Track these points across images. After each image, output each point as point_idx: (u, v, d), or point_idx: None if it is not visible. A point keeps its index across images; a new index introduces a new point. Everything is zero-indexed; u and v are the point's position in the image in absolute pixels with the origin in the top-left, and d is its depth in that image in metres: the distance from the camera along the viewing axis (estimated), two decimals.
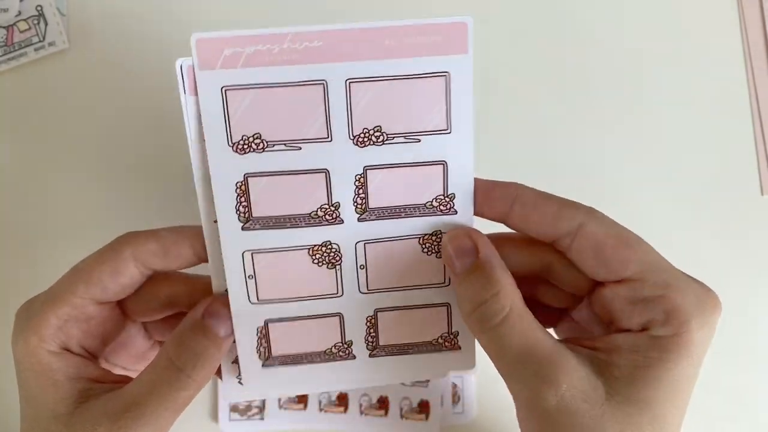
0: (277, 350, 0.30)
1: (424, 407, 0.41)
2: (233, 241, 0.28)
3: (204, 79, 0.26)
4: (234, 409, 0.40)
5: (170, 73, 0.38)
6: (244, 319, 0.29)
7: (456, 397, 0.41)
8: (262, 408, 0.40)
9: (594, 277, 0.27)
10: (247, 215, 0.28)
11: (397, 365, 0.30)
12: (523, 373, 0.25)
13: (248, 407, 0.40)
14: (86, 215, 0.38)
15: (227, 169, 0.27)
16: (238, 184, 0.27)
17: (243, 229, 0.28)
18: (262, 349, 0.30)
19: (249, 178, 0.27)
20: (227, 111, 0.26)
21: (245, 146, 0.27)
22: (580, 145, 0.42)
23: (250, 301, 0.29)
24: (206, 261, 0.28)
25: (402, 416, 0.40)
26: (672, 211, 0.41)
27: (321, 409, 0.40)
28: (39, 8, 0.37)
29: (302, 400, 0.40)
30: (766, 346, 0.41)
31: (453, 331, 0.30)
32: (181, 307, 0.28)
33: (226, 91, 0.26)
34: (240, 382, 0.30)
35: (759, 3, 0.41)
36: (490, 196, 0.28)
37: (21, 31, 0.36)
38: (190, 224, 0.28)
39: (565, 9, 0.42)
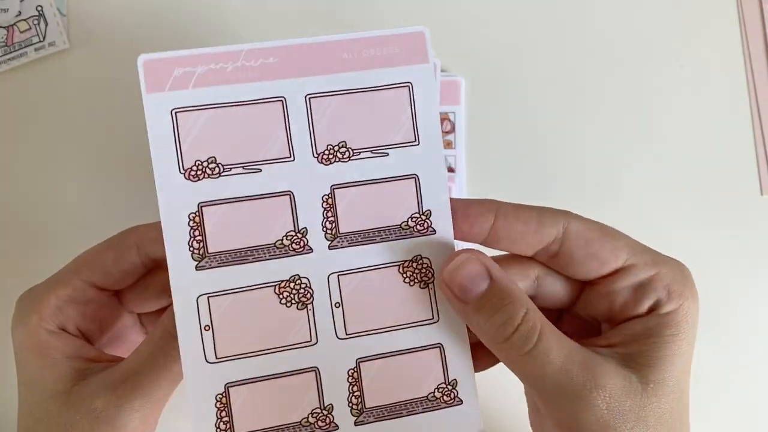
0: (241, 426, 0.24)
1: None
2: (185, 285, 0.24)
3: (152, 102, 0.24)
4: None
5: None
6: (200, 383, 0.24)
7: None
8: None
9: (585, 276, 0.26)
10: (201, 252, 0.25)
11: None
12: (568, 386, 0.23)
13: None
14: (87, 215, 0.38)
15: (178, 199, 0.24)
16: (191, 216, 0.25)
17: (197, 268, 0.25)
18: (222, 426, 0.24)
19: (204, 208, 0.25)
20: (178, 135, 0.24)
21: (199, 172, 0.25)
22: (579, 146, 0.41)
23: (206, 359, 0.24)
24: None
25: None
26: (672, 211, 0.40)
27: None
28: (39, 8, 0.37)
29: None
30: (765, 343, 0.40)
31: (450, 380, 0.26)
32: None
33: (176, 113, 0.24)
34: None
35: (759, 3, 0.41)
36: (468, 213, 0.26)
37: (21, 31, 0.36)
38: None
39: (564, 9, 0.43)
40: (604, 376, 0.23)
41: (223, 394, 0.24)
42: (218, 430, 0.24)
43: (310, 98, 0.25)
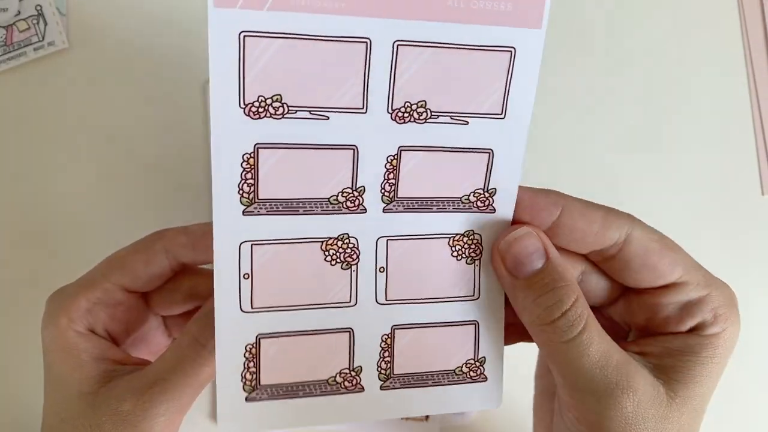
0: (267, 378, 0.24)
1: None
2: (230, 229, 0.23)
3: (218, 18, 0.20)
4: None
5: (170, 72, 0.37)
6: (230, 333, 0.23)
7: None
8: None
9: (637, 284, 0.26)
10: (251, 196, 0.22)
11: (412, 400, 0.26)
12: (600, 382, 0.23)
13: None
14: (86, 215, 0.37)
15: (235, 135, 0.22)
16: (245, 157, 0.22)
17: (245, 213, 0.23)
18: (248, 376, 0.24)
19: (260, 150, 0.22)
20: (243, 63, 0.21)
21: (260, 109, 0.22)
22: (579, 145, 0.40)
23: (241, 308, 0.23)
24: None
25: (402, 417, 0.37)
26: (672, 210, 0.40)
27: None
28: (38, 8, 0.36)
29: None
30: (767, 344, 0.41)
31: (479, 357, 0.26)
32: (202, 300, 0.28)
33: (244, 37, 0.21)
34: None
35: (759, 3, 0.40)
36: (534, 204, 0.25)
37: (20, 31, 0.36)
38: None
39: (563, 9, 0.40)
40: (637, 380, 0.23)
41: (254, 345, 0.24)
42: (244, 379, 0.24)
43: (398, 45, 0.22)
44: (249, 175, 0.22)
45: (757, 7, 0.40)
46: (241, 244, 0.23)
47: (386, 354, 0.25)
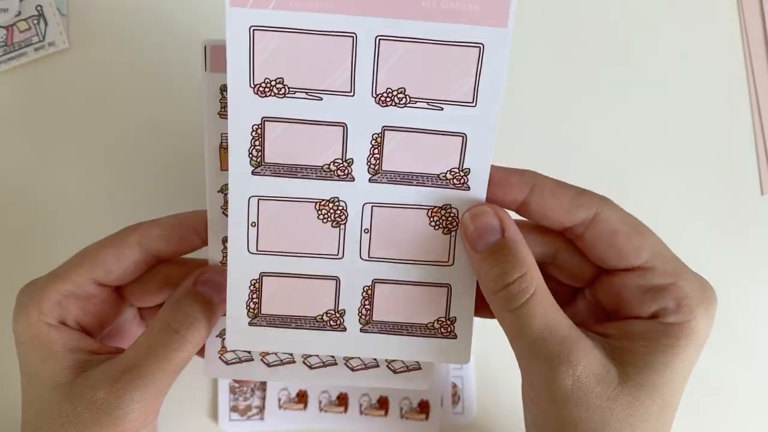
0: (267, 308, 0.29)
1: (424, 407, 0.40)
2: (242, 185, 0.28)
3: (234, 16, 0.26)
4: (234, 409, 0.40)
5: (170, 73, 0.38)
6: (240, 268, 0.29)
7: (456, 398, 0.40)
8: (261, 408, 0.40)
9: (603, 264, 0.27)
10: (259, 159, 0.28)
11: (388, 345, 0.30)
12: (541, 353, 0.25)
13: (248, 407, 0.40)
14: (86, 215, 0.38)
15: (246, 110, 0.27)
16: (254, 127, 0.27)
17: (253, 173, 0.28)
18: (252, 305, 0.29)
19: (266, 122, 0.27)
20: (253, 51, 0.26)
21: (266, 89, 0.27)
22: (578, 144, 0.41)
23: (248, 249, 0.29)
24: (207, 244, 0.29)
25: (402, 416, 0.40)
26: (672, 210, 0.41)
27: (321, 409, 0.40)
28: (39, 8, 0.37)
29: (302, 399, 0.40)
30: (766, 344, 0.41)
31: (450, 316, 0.29)
32: (175, 289, 0.29)
33: (254, 30, 0.26)
34: (223, 343, 0.30)
35: (759, 3, 0.41)
36: (506, 182, 0.27)
37: (21, 31, 0.36)
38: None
39: (565, 5, 0.41)
40: (581, 356, 0.24)
41: (257, 281, 0.29)
42: (248, 308, 0.29)
43: (380, 39, 0.26)
44: (257, 143, 0.28)
45: (757, 7, 0.40)
46: (250, 198, 0.28)
47: (367, 303, 0.29)
